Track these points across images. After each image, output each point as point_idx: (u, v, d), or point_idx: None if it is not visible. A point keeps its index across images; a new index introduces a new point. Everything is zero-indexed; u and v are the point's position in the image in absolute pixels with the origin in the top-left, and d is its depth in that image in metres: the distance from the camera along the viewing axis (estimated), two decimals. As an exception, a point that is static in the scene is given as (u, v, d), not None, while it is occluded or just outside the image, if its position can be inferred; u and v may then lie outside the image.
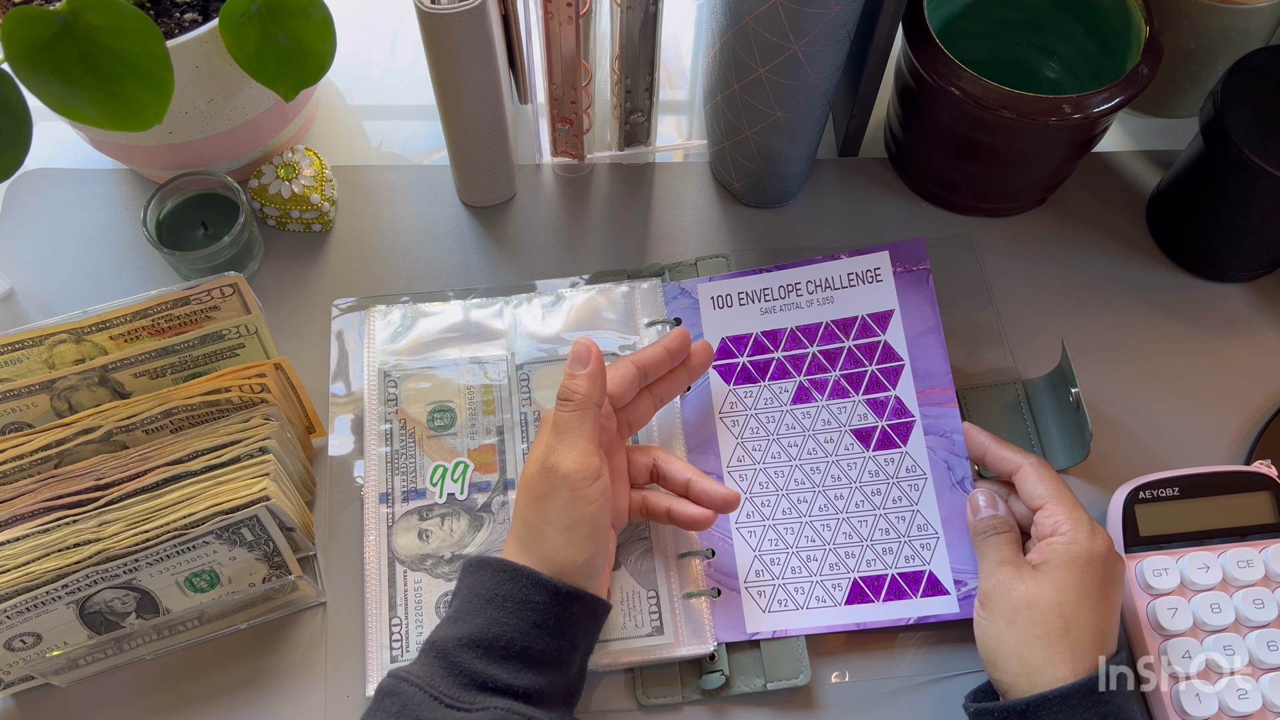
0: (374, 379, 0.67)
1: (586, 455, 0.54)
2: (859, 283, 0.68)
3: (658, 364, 0.61)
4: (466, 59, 0.62)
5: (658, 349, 0.61)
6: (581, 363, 0.56)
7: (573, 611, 0.53)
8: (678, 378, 0.63)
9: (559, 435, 0.55)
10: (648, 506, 0.60)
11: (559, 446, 0.54)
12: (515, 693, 0.50)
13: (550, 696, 0.51)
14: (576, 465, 0.53)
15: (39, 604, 0.54)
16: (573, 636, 0.53)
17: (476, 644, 0.51)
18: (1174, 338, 0.71)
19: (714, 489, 0.59)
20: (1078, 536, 0.55)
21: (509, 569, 0.53)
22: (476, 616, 0.52)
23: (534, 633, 0.51)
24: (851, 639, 0.61)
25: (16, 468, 0.58)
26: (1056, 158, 0.71)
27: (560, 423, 0.55)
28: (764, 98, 0.66)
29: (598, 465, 0.54)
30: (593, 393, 0.55)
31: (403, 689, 0.50)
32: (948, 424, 0.64)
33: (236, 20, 0.58)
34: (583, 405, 0.55)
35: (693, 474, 0.59)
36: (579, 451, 0.54)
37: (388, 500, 0.64)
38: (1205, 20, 0.70)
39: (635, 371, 0.60)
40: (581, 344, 0.56)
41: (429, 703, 0.49)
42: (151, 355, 0.60)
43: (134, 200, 0.75)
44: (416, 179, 0.77)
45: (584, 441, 0.54)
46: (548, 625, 0.52)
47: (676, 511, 0.59)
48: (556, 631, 0.52)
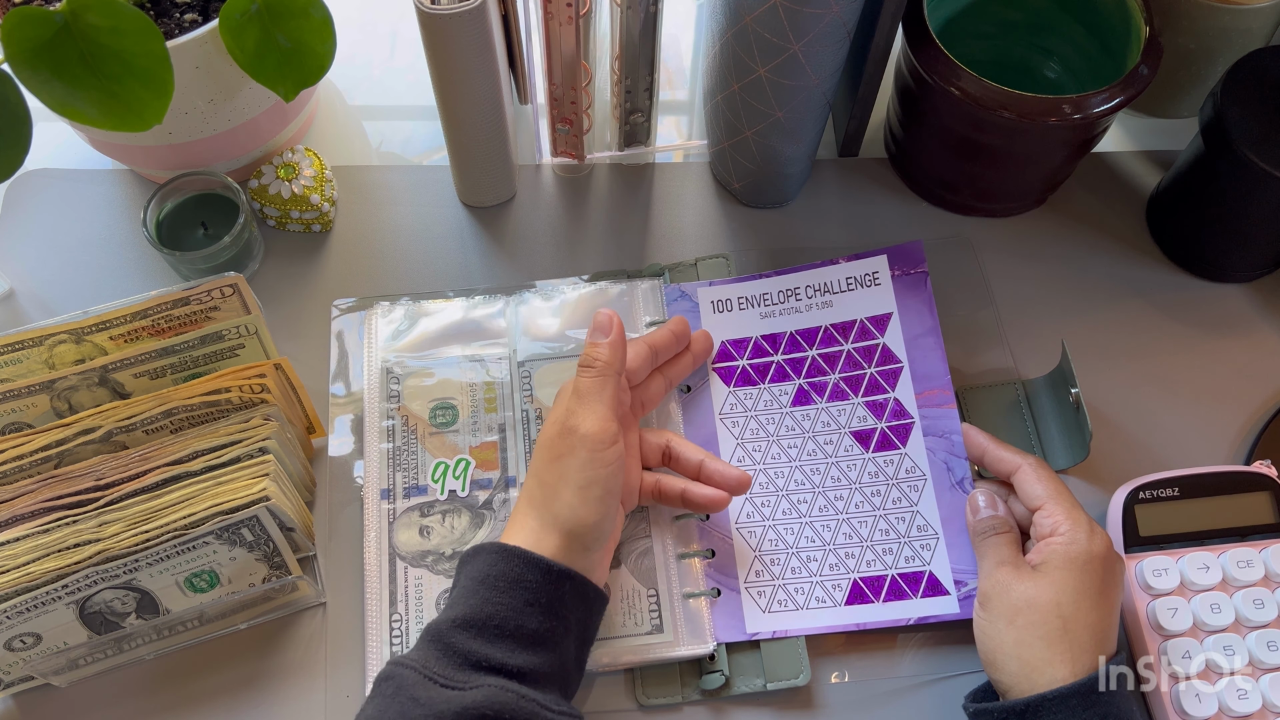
0: (376, 376, 0.67)
1: (606, 419, 0.55)
2: (857, 286, 0.68)
3: (666, 345, 0.64)
4: (466, 59, 0.62)
5: (664, 331, 0.64)
6: (604, 331, 0.58)
7: (564, 590, 0.53)
8: (684, 361, 0.66)
9: (580, 399, 0.56)
10: (661, 489, 0.61)
11: (580, 409, 0.56)
12: (509, 671, 0.50)
13: (544, 678, 0.52)
14: (596, 428, 0.55)
15: (39, 604, 0.54)
16: (565, 617, 0.53)
17: (470, 624, 0.51)
18: (1174, 338, 0.71)
19: (726, 470, 0.61)
20: (1076, 537, 0.55)
21: (500, 550, 0.54)
22: (470, 599, 0.52)
23: (527, 611, 0.52)
24: (851, 639, 0.61)
25: (16, 468, 0.58)
26: (1056, 158, 0.71)
27: (581, 387, 0.56)
28: (764, 98, 0.66)
29: (615, 431, 0.56)
30: (614, 360, 0.57)
31: (398, 672, 0.50)
32: (947, 425, 0.64)
33: (236, 20, 0.58)
34: (604, 372, 0.57)
35: (705, 456, 0.61)
36: (598, 415, 0.55)
37: (389, 496, 0.64)
38: (1205, 20, 0.70)
39: (648, 350, 0.62)
40: (603, 314, 0.58)
41: (423, 683, 0.49)
42: (151, 355, 0.60)
43: (134, 200, 0.75)
44: (416, 179, 0.77)
45: (604, 406, 0.56)
46: (540, 603, 0.52)
47: (691, 493, 0.60)
48: (549, 610, 0.52)
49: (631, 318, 0.69)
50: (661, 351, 0.64)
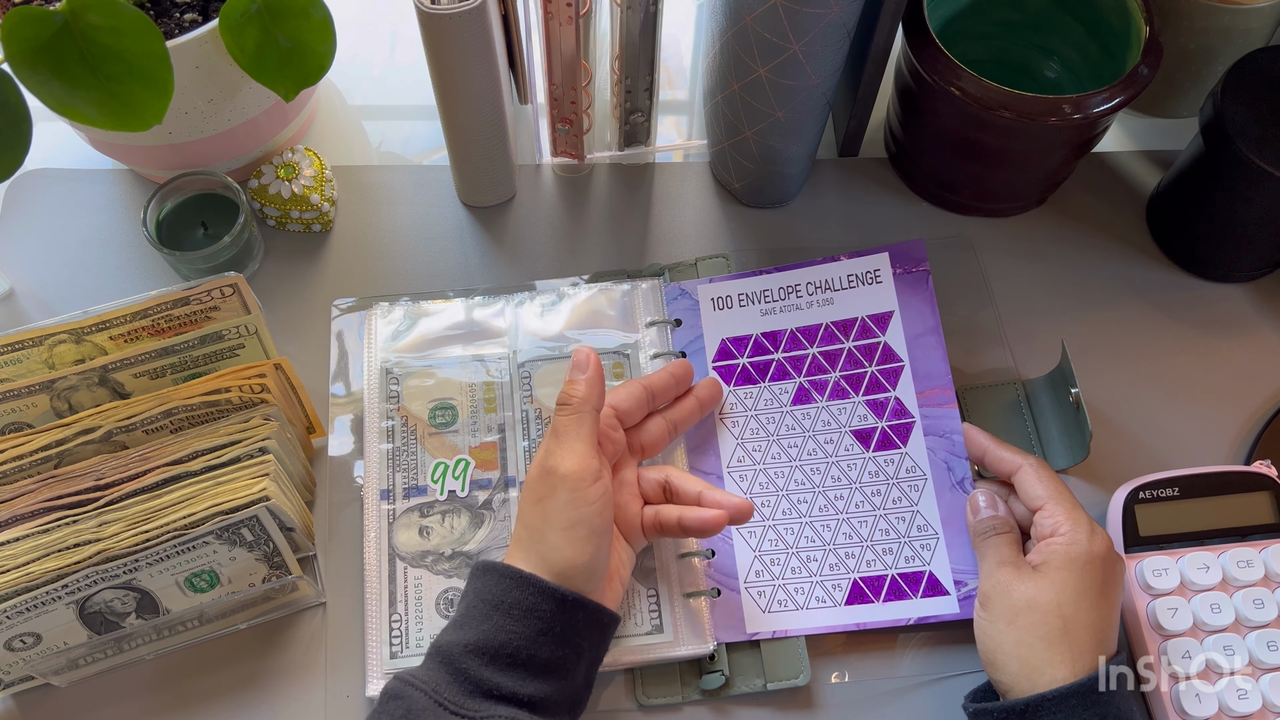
0: (376, 376, 0.67)
1: (585, 457, 0.54)
2: (859, 284, 0.68)
3: (664, 386, 0.63)
4: (466, 59, 0.62)
5: (663, 373, 0.63)
6: (581, 369, 0.57)
7: (578, 619, 0.52)
8: (687, 405, 0.64)
9: (557, 438, 0.55)
10: (660, 520, 0.59)
11: (558, 448, 0.55)
12: (520, 701, 0.50)
13: (555, 706, 0.51)
14: (576, 465, 0.54)
15: (39, 604, 0.54)
16: (578, 645, 0.53)
17: (483, 651, 0.51)
18: (1174, 338, 0.71)
19: (726, 497, 0.59)
20: (1077, 537, 0.55)
21: (515, 575, 0.53)
22: (483, 623, 0.52)
23: (540, 640, 0.51)
24: (851, 639, 0.61)
25: (16, 468, 0.58)
26: (1056, 158, 0.71)
27: (559, 426, 0.56)
28: (764, 98, 0.66)
29: (597, 467, 0.54)
30: (590, 396, 0.56)
31: (408, 693, 0.50)
32: (947, 424, 0.64)
33: (236, 20, 0.58)
34: (580, 409, 0.56)
35: (704, 487, 0.59)
36: (577, 454, 0.54)
37: (389, 497, 0.64)
38: (1205, 20, 0.70)
39: (643, 390, 0.61)
40: (581, 351, 0.57)
41: (434, 709, 0.49)
42: (151, 355, 0.60)
43: (134, 200, 0.75)
44: (416, 179, 0.77)
45: (582, 444, 0.55)
46: (554, 633, 0.52)
47: (687, 518, 0.58)
48: (562, 639, 0.52)
49: (632, 317, 0.69)
50: (659, 393, 0.62)
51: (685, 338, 0.69)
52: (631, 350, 0.68)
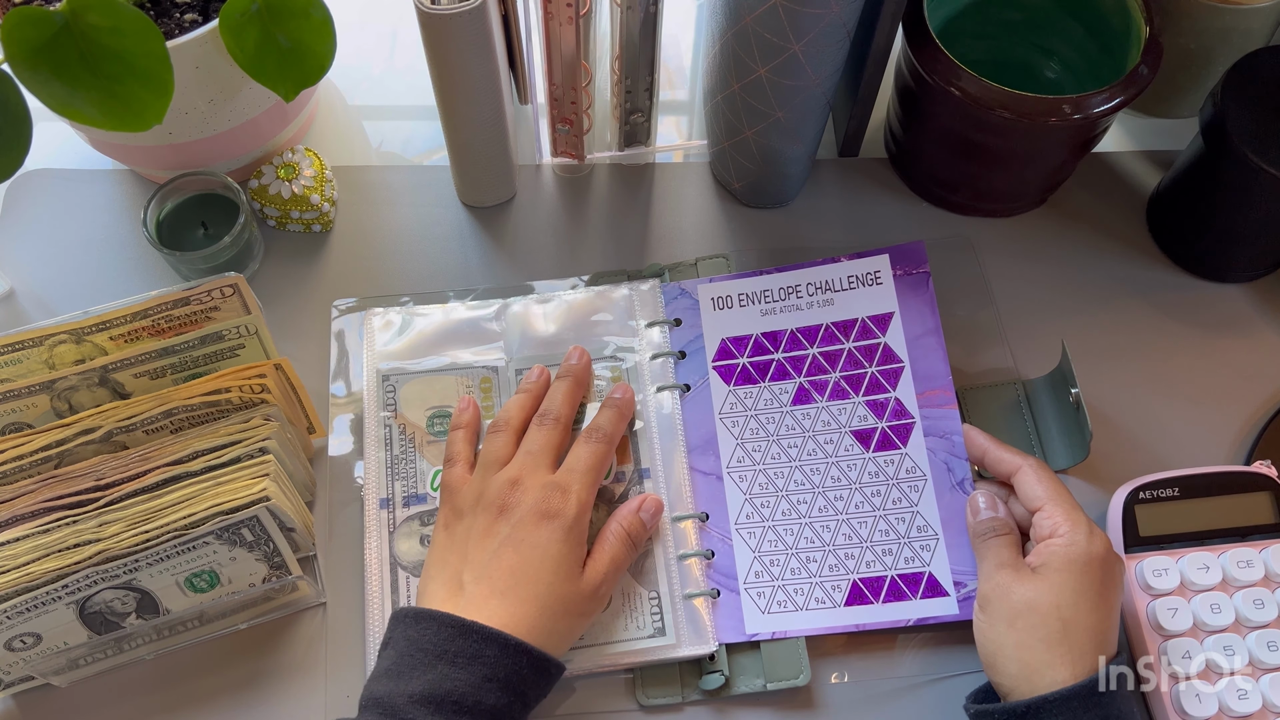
0: (373, 383, 0.67)
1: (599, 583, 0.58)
2: (859, 285, 0.68)
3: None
4: (466, 59, 0.62)
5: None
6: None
7: (522, 665, 0.52)
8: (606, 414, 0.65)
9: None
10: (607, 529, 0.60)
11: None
12: None
13: None
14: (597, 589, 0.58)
15: (39, 604, 0.54)
16: (523, 693, 0.52)
17: (429, 700, 0.50)
18: (1174, 338, 0.71)
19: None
20: (1076, 538, 0.55)
21: (456, 624, 0.52)
22: (426, 672, 0.51)
23: (485, 686, 0.51)
24: (851, 640, 0.61)
25: (16, 468, 0.58)
26: (1056, 158, 0.71)
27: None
28: (764, 98, 0.66)
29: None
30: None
31: None
32: (947, 425, 0.64)
33: (236, 20, 0.58)
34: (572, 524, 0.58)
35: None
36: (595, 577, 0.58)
37: (388, 505, 0.64)
38: (1205, 20, 0.70)
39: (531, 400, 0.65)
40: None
41: None
42: (151, 356, 0.60)
43: (134, 200, 0.75)
44: (416, 179, 0.77)
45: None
46: (498, 679, 0.51)
47: (620, 513, 0.61)
48: (507, 685, 0.51)
49: (631, 318, 0.69)
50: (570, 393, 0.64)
51: (685, 337, 0.69)
52: (629, 353, 0.68)
